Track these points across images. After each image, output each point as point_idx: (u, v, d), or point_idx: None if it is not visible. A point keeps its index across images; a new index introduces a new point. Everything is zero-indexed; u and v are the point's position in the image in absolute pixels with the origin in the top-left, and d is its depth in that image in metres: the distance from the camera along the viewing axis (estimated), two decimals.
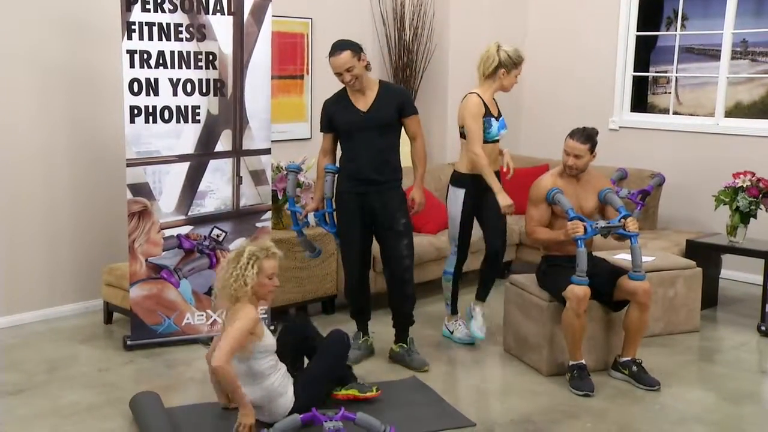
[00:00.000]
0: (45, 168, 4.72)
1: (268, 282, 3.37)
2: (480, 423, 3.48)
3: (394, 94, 4.08)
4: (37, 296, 4.77)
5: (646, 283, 3.90)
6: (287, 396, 3.34)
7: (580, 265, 3.82)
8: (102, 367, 4.08)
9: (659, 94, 6.59)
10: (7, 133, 4.56)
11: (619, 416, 3.61)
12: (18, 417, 3.48)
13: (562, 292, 3.87)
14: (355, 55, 3.89)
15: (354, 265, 4.16)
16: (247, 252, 3.33)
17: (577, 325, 3.84)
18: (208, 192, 4.39)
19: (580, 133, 4.01)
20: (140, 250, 4.26)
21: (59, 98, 4.72)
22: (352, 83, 3.93)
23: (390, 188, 4.07)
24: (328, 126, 4.13)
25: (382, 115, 3.99)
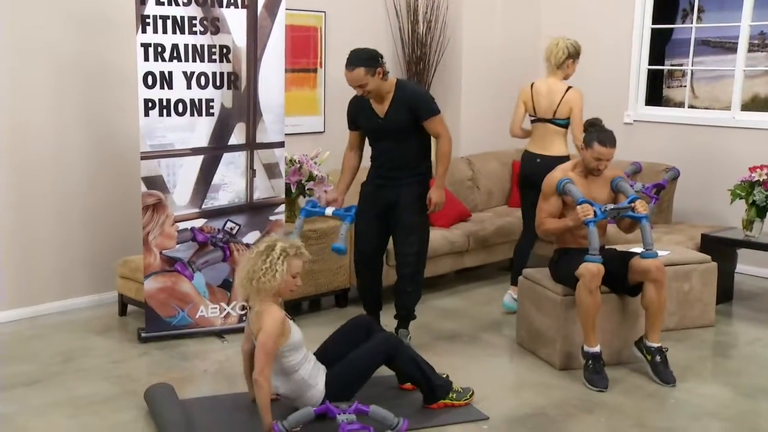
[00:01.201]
0: (60, 161, 4.74)
1: (292, 280, 3.32)
2: (493, 417, 3.48)
3: (408, 98, 4.01)
4: (53, 288, 4.80)
5: (658, 260, 3.88)
6: (317, 388, 3.31)
7: (593, 244, 3.81)
8: (117, 358, 4.10)
9: (674, 87, 6.54)
10: (22, 126, 4.58)
11: (634, 411, 3.59)
12: (33, 407, 3.51)
13: (575, 272, 3.85)
14: (369, 72, 3.88)
15: (358, 249, 4.21)
16: (279, 247, 3.27)
17: (591, 303, 3.81)
18: (221, 185, 4.40)
19: (608, 137, 3.97)
20: (154, 243, 4.28)
21: (74, 91, 4.74)
22: (367, 95, 3.96)
23: (408, 183, 4.07)
24: (353, 124, 4.24)
25: (397, 121, 4.01)
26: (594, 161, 3.98)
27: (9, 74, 4.50)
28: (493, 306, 5.12)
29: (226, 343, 4.35)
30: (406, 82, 4.09)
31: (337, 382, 3.35)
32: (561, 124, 4.86)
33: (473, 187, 6.17)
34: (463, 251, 5.44)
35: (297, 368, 3.30)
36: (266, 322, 3.20)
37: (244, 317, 4.50)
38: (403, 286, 4.17)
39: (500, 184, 6.35)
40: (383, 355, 3.43)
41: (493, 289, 5.48)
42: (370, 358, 3.41)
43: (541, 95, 4.90)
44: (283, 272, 3.25)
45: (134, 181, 4.52)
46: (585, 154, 4.01)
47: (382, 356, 3.43)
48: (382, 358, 3.43)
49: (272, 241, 3.35)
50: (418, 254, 4.13)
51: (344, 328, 3.65)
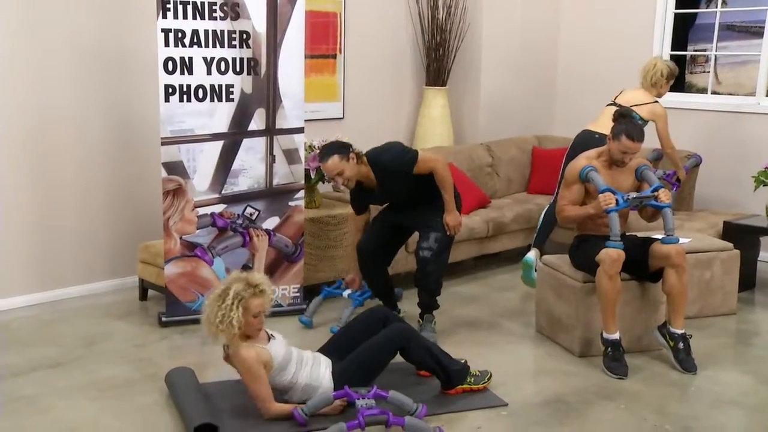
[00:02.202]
0: (81, 147, 4.78)
1: (253, 320, 3.21)
2: (512, 403, 3.48)
3: (386, 170, 4.08)
4: (75, 273, 4.85)
5: (679, 245, 3.85)
6: (323, 386, 3.31)
7: (613, 230, 3.79)
8: (137, 342, 4.14)
9: (697, 73, 6.46)
10: (44, 112, 4.61)
11: (654, 398, 3.57)
12: (58, 389, 3.55)
13: (596, 257, 3.83)
14: (343, 158, 3.98)
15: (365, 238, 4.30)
16: (233, 291, 3.17)
17: (611, 288, 3.80)
18: (241, 170, 4.41)
19: (636, 131, 3.94)
20: (174, 228, 4.30)
21: (95, 77, 4.76)
22: (347, 183, 4.06)
23: (424, 204, 4.23)
24: (363, 208, 4.39)
25: (394, 188, 4.17)
26: (620, 153, 3.95)
27: (31, 61, 4.53)
28: (512, 292, 5.11)
29: None
30: (374, 155, 4.13)
31: (349, 372, 3.35)
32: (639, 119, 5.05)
33: (492, 174, 6.14)
34: (483, 238, 5.42)
35: (295, 380, 3.30)
36: (240, 368, 3.22)
37: None
38: (424, 279, 4.18)
39: (520, 170, 6.32)
40: (395, 347, 3.42)
41: (513, 276, 5.47)
42: (382, 349, 3.41)
43: (625, 97, 5.22)
44: (239, 318, 3.16)
45: (155, 166, 4.54)
46: (612, 145, 3.97)
47: (393, 348, 3.42)
48: (393, 349, 3.42)
49: (229, 282, 3.24)
50: (439, 253, 4.14)
51: (361, 318, 3.65)
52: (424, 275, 4.17)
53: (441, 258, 4.18)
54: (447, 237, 4.19)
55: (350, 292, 4.39)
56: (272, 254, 4.54)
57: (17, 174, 4.57)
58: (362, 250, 4.30)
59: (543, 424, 3.30)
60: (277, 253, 4.55)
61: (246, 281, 3.23)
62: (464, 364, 3.56)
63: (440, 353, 3.52)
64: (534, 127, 6.78)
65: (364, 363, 3.38)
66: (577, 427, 3.29)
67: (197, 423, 3.06)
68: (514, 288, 5.21)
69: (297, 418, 3.15)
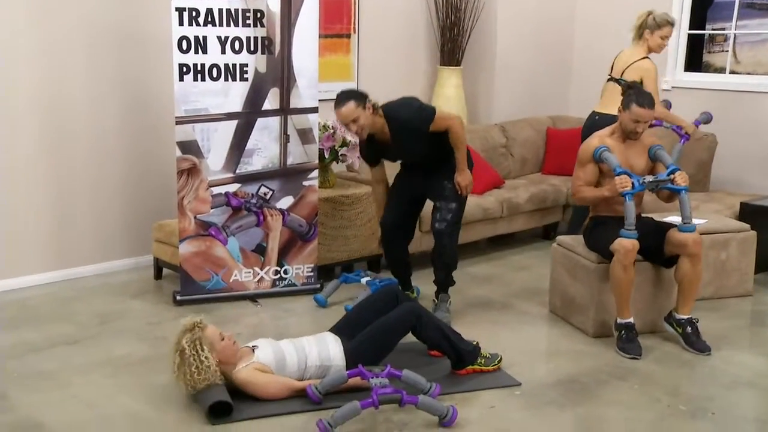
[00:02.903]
0: (96, 126, 4.79)
1: (224, 345, 3.19)
2: (525, 383, 3.48)
3: (402, 125, 4.01)
4: (90, 251, 4.88)
5: (696, 234, 3.83)
6: (335, 365, 3.33)
7: (629, 218, 3.76)
8: (153, 321, 4.17)
9: (715, 52, 6.38)
10: (59, 92, 4.63)
11: (668, 379, 3.57)
12: (75, 366, 3.59)
13: (610, 246, 3.82)
14: (359, 105, 3.89)
15: (387, 214, 4.28)
16: (186, 342, 3.12)
17: (625, 278, 3.78)
18: (255, 150, 4.42)
19: (646, 99, 3.89)
20: (189, 208, 4.32)
21: (109, 57, 4.77)
22: (360, 132, 3.96)
23: (440, 168, 4.17)
24: (373, 160, 4.28)
25: (409, 145, 4.09)
26: (632, 123, 3.91)
27: (46, 41, 4.53)
28: (526, 273, 5.10)
29: (259, 307, 4.40)
30: (390, 109, 4.04)
31: (360, 350, 3.35)
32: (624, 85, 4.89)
33: (507, 154, 6.12)
34: (496, 218, 5.41)
35: (304, 366, 3.31)
36: (246, 390, 3.20)
37: (278, 282, 4.55)
38: (439, 254, 4.17)
39: (534, 151, 6.29)
40: (407, 325, 3.42)
41: (526, 257, 5.46)
42: (394, 327, 3.41)
43: (619, 59, 5.09)
44: (209, 356, 3.11)
45: (169, 145, 4.55)
46: (623, 116, 3.94)
47: (405, 326, 3.42)
48: (405, 327, 3.42)
49: (176, 344, 3.16)
50: (453, 224, 4.13)
51: (374, 296, 3.66)
52: (440, 248, 4.16)
53: (455, 228, 4.18)
54: (460, 205, 4.16)
55: (369, 279, 4.40)
56: (286, 234, 4.55)
57: (33, 154, 4.59)
58: (384, 227, 4.31)
59: (556, 404, 3.31)
60: (290, 232, 4.56)
61: (184, 329, 3.18)
62: (476, 345, 3.57)
63: (452, 333, 3.52)
64: (549, 108, 6.73)
65: (376, 341, 3.39)
66: (590, 407, 3.30)
67: (212, 401, 3.08)
68: (527, 268, 5.20)
69: (311, 395, 3.17)
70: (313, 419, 3.05)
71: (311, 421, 3.05)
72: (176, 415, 3.15)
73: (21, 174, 4.57)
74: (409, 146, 4.13)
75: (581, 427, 3.14)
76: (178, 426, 3.07)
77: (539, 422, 3.16)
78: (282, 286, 4.58)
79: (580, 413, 3.24)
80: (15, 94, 4.48)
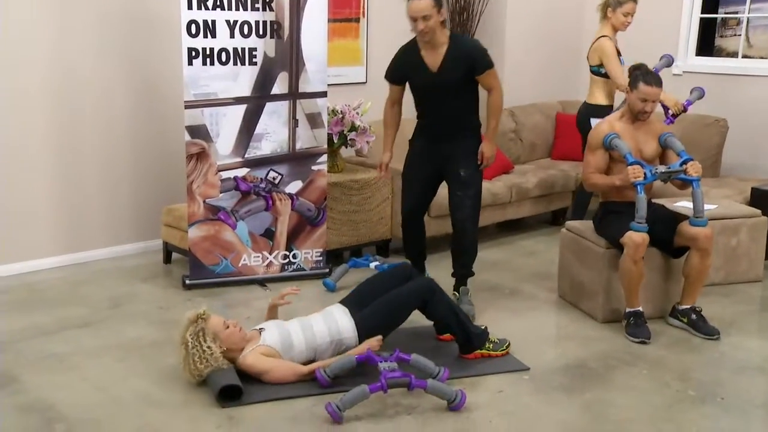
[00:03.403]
0: (105, 110, 4.80)
1: (228, 331, 3.23)
2: (534, 368, 3.49)
3: (465, 52, 3.87)
4: (100, 236, 4.90)
5: (707, 228, 3.81)
6: (347, 337, 3.34)
7: (640, 212, 3.74)
8: (162, 304, 4.19)
9: (728, 36, 6.32)
10: (68, 76, 4.63)
11: (677, 364, 3.56)
12: (86, 348, 3.62)
13: (620, 239, 3.81)
14: (436, 6, 3.75)
15: (408, 201, 4.18)
16: (189, 335, 3.17)
17: (635, 272, 3.78)
18: (264, 134, 4.41)
19: (653, 77, 3.87)
20: (198, 192, 4.33)
21: (118, 40, 4.77)
22: (425, 34, 3.78)
23: (463, 137, 4.01)
24: (398, 78, 4.07)
25: (452, 77, 3.88)
26: (640, 103, 3.88)
27: (55, 24, 4.54)
28: (534, 258, 5.10)
29: (268, 291, 4.41)
30: (460, 36, 3.94)
31: (371, 319, 3.36)
32: (593, 71, 5.01)
33: (516, 140, 6.10)
34: (505, 203, 5.40)
35: (314, 345, 3.32)
36: (254, 374, 3.22)
37: (287, 266, 4.56)
38: (461, 241, 4.10)
39: (544, 136, 6.27)
40: (419, 298, 3.41)
41: (535, 242, 5.46)
42: (406, 300, 3.41)
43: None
44: (211, 345, 3.16)
45: (178, 130, 4.56)
46: (630, 96, 3.92)
47: (417, 299, 3.41)
48: (417, 301, 3.41)
49: (181, 337, 3.20)
50: (474, 208, 4.06)
51: (386, 272, 3.66)
52: (463, 239, 4.08)
53: (477, 217, 4.08)
54: (478, 192, 4.02)
55: (377, 264, 4.39)
56: (295, 218, 4.55)
57: (43, 138, 4.60)
58: (403, 214, 4.24)
59: (565, 389, 3.31)
60: (299, 217, 4.56)
61: (188, 322, 3.21)
62: (484, 329, 3.57)
63: (462, 314, 3.53)
64: (558, 93, 6.69)
65: (388, 311, 3.40)
66: (598, 392, 3.30)
67: (222, 384, 3.10)
68: (536, 254, 5.19)
69: (319, 379, 3.18)
70: (321, 402, 3.06)
71: (320, 404, 3.07)
72: (186, 397, 3.17)
73: (32, 158, 4.58)
74: (444, 86, 3.88)
75: (589, 411, 3.14)
76: (188, 408, 3.09)
77: (547, 407, 3.17)
78: (291, 271, 4.59)
79: (589, 398, 3.25)
80: (26, 77, 4.48)
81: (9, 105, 4.46)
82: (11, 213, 4.56)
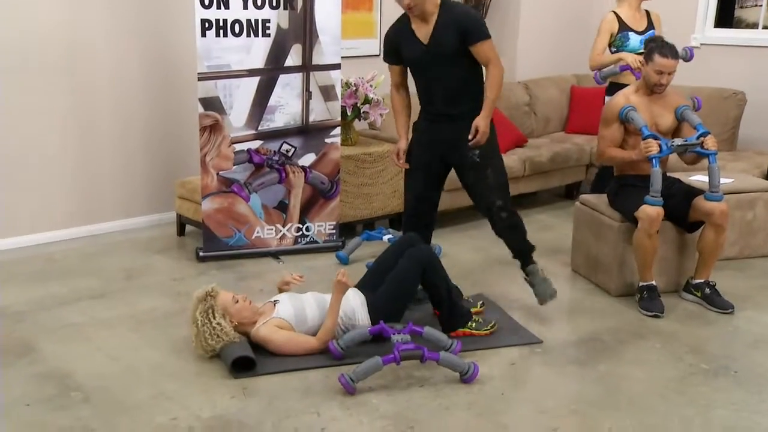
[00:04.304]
0: (118, 82, 4.79)
1: (238, 305, 3.25)
2: (547, 341, 3.49)
3: (454, 20, 3.50)
4: (114, 208, 4.92)
5: (723, 204, 3.77)
6: (360, 320, 3.35)
7: (655, 185, 3.71)
8: (176, 276, 4.21)
9: (747, 7, 6.21)
10: (80, 48, 4.62)
11: (690, 338, 3.55)
12: (101, 319, 3.65)
13: (634, 213, 3.79)
14: None
15: (412, 196, 3.80)
16: (199, 313, 3.20)
17: (649, 246, 3.76)
18: (277, 107, 4.40)
19: (670, 49, 3.81)
20: (211, 164, 4.33)
21: (131, 11, 4.75)
22: (412, 9, 3.49)
23: (464, 119, 3.58)
24: (394, 57, 3.73)
25: (444, 47, 3.52)
26: (655, 75, 3.83)
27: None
28: (548, 232, 5.08)
29: (281, 264, 4.42)
30: (452, 3, 3.55)
31: (382, 304, 3.37)
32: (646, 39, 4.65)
33: (530, 113, 6.06)
34: (519, 177, 5.38)
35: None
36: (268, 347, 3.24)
37: (300, 239, 4.57)
38: (501, 225, 3.69)
39: (558, 110, 6.22)
40: (419, 266, 3.36)
41: (549, 216, 5.44)
42: (406, 272, 3.39)
43: None
44: (221, 321, 3.19)
45: (192, 102, 4.55)
46: (646, 69, 3.87)
47: (418, 267, 3.37)
48: (418, 269, 3.37)
49: (192, 315, 3.23)
50: (501, 187, 3.68)
51: (390, 248, 3.65)
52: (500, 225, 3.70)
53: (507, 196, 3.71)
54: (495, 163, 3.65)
55: (390, 237, 4.38)
56: (308, 191, 4.55)
57: (56, 111, 4.61)
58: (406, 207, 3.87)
59: (578, 362, 3.31)
60: (313, 189, 4.56)
61: (197, 301, 3.24)
62: (468, 311, 3.54)
63: (455, 291, 3.52)
64: (573, 66, 6.62)
65: (394, 293, 3.40)
66: (611, 365, 3.30)
67: (235, 356, 3.12)
68: (550, 228, 5.18)
69: (333, 351, 3.20)
70: (334, 374, 3.08)
71: (332, 376, 3.09)
72: (200, 368, 3.19)
73: (46, 131, 4.59)
74: (444, 45, 3.52)
75: (602, 384, 3.14)
76: (201, 378, 3.12)
77: (560, 379, 3.17)
78: (304, 244, 4.60)
79: (602, 371, 3.25)
80: (39, 50, 4.48)
81: (22, 79, 4.46)
82: (25, 185, 4.58)
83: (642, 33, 4.73)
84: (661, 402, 3.00)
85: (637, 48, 4.66)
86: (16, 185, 4.55)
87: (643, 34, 4.73)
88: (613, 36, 4.77)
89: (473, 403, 2.96)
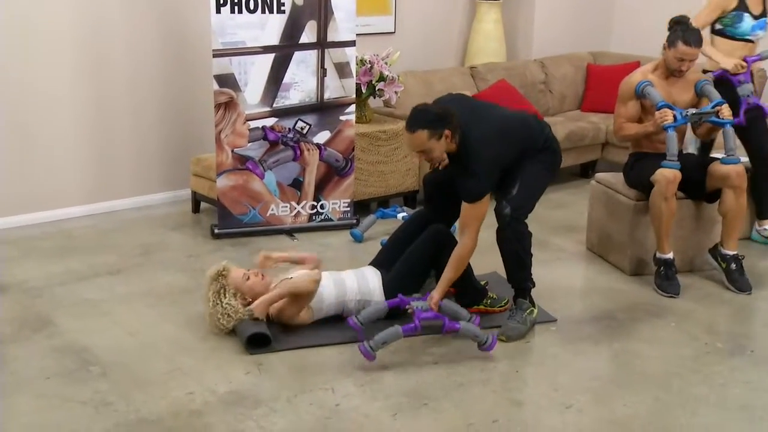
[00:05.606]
0: (133, 59, 4.79)
1: (249, 282, 3.28)
2: (561, 319, 3.49)
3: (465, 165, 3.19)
4: (129, 185, 4.94)
5: (739, 166, 3.75)
6: (374, 299, 3.36)
7: (671, 149, 3.69)
8: (192, 253, 4.23)
9: None
10: (95, 25, 4.62)
11: (705, 317, 3.54)
12: (118, 294, 3.69)
13: (651, 177, 3.75)
14: (434, 136, 3.05)
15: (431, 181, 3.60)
16: (211, 293, 3.24)
17: (665, 209, 3.73)
18: (292, 84, 4.39)
19: (695, 37, 3.75)
20: (226, 141, 4.33)
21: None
22: (430, 161, 3.29)
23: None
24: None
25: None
26: (676, 62, 3.79)
27: None
28: (562, 211, 5.06)
29: (296, 241, 4.44)
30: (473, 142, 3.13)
31: (398, 281, 3.38)
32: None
33: (545, 91, 6.01)
34: None
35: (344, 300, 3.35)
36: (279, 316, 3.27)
37: (314, 216, 4.58)
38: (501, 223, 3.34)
39: (573, 87, 6.17)
40: (435, 245, 3.37)
41: (564, 194, 5.41)
42: (422, 252, 3.40)
43: None
44: (231, 300, 3.22)
45: (206, 79, 4.55)
46: (667, 53, 3.82)
47: (434, 246, 3.37)
48: (434, 248, 3.37)
49: (206, 293, 3.27)
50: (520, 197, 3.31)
51: (405, 225, 3.66)
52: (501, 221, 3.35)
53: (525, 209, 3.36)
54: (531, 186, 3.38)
55: (405, 215, 4.38)
56: (323, 168, 4.55)
57: (72, 88, 4.62)
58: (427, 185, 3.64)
59: (592, 340, 3.32)
60: (327, 167, 4.56)
61: (209, 280, 3.27)
62: (484, 287, 3.55)
63: (469, 268, 3.49)
64: (590, 43, 6.57)
65: (410, 270, 3.41)
66: (626, 343, 3.30)
67: (250, 332, 3.14)
68: (564, 206, 5.16)
69: (352, 325, 3.18)
70: (349, 351, 3.10)
71: (347, 352, 3.10)
72: (216, 344, 3.22)
73: (61, 108, 4.60)
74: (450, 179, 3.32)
75: (616, 362, 3.14)
76: (217, 354, 3.14)
77: (574, 357, 3.18)
78: (318, 221, 4.61)
79: (616, 349, 3.25)
80: (53, 27, 4.48)
81: (38, 55, 4.47)
82: (42, 162, 4.60)
83: (757, 18, 4.28)
84: (675, 380, 3.00)
85: (746, 33, 4.27)
86: (33, 162, 4.57)
87: (758, 19, 4.28)
88: (724, 13, 4.27)
89: (487, 380, 2.98)
